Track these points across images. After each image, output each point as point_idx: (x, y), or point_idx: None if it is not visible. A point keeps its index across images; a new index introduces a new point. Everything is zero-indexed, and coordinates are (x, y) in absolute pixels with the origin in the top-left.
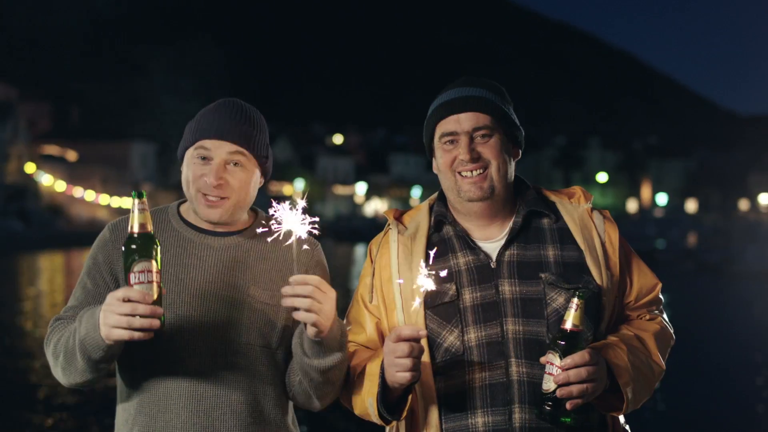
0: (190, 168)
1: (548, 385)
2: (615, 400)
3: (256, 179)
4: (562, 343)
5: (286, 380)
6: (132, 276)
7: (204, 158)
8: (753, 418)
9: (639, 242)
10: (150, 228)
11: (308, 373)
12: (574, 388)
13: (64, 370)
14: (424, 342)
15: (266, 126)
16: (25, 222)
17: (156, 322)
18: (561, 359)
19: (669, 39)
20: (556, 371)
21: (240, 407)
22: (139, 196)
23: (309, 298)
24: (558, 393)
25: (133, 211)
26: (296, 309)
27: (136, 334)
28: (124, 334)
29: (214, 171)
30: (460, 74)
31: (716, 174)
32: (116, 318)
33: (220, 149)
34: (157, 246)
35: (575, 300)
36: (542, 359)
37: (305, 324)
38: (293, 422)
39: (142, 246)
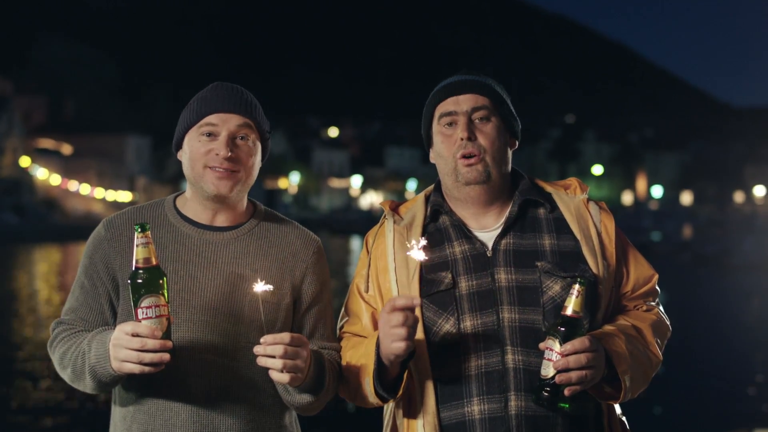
0: (194, 147)
1: (547, 371)
2: (611, 389)
3: (259, 158)
4: (562, 329)
5: None
6: (140, 311)
7: (210, 134)
8: (748, 411)
9: (635, 234)
10: (155, 261)
11: (290, 402)
12: (573, 375)
13: (72, 381)
14: (418, 328)
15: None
16: (20, 216)
17: (166, 356)
18: (560, 345)
19: (664, 31)
20: (556, 357)
21: (239, 405)
22: (142, 229)
23: (282, 359)
24: (557, 379)
25: (136, 245)
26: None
27: (147, 369)
28: (134, 369)
29: (225, 143)
30: (456, 67)
31: (712, 166)
32: (126, 353)
33: (229, 122)
34: (164, 278)
35: (576, 286)
36: (541, 345)
37: None
38: (294, 420)
39: (148, 281)
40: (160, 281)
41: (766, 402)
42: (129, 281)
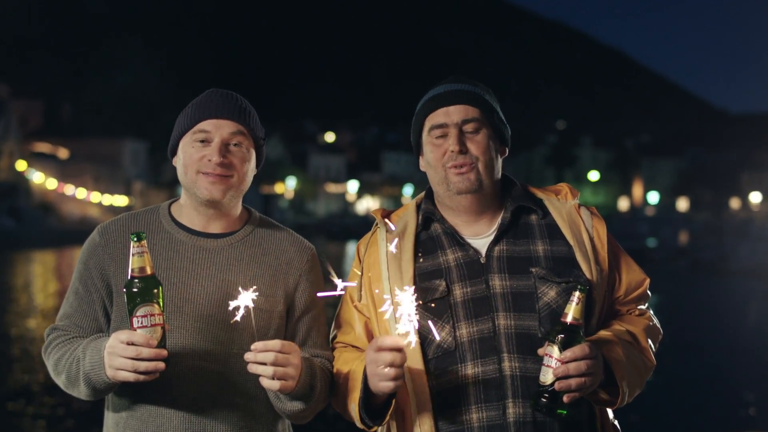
0: (187, 153)
1: (545, 377)
2: (606, 395)
3: (253, 164)
4: (562, 335)
5: None
6: (135, 320)
7: (203, 141)
8: (741, 415)
9: (631, 240)
10: (150, 270)
11: (281, 410)
12: (573, 382)
13: (66, 387)
14: (415, 336)
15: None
16: (17, 220)
17: (161, 365)
18: (560, 352)
19: (661, 37)
20: (555, 364)
21: (232, 413)
22: (138, 238)
23: (272, 366)
24: (556, 386)
25: (132, 254)
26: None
27: (141, 377)
28: (129, 377)
29: (217, 149)
30: (453, 72)
31: (708, 172)
32: (121, 361)
33: (222, 129)
34: (160, 287)
35: (577, 293)
36: (540, 351)
37: None
38: (288, 427)
39: (143, 290)
40: (155, 290)
41: (759, 406)
42: (124, 290)
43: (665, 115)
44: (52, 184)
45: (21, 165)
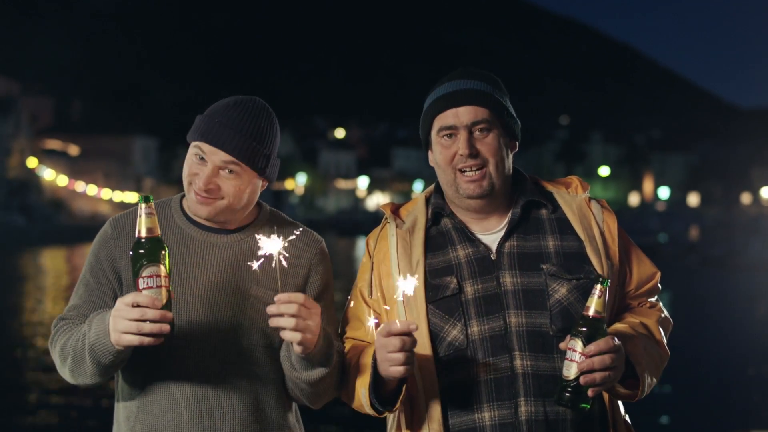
0: (187, 161)
1: (569, 371)
2: (625, 389)
3: (255, 186)
4: (585, 329)
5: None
6: (141, 281)
7: (201, 158)
8: (750, 412)
9: (641, 236)
10: (158, 232)
11: (298, 384)
12: (598, 376)
13: (72, 371)
14: (423, 334)
15: (276, 131)
16: (27, 216)
17: (166, 327)
18: (584, 346)
19: (671, 32)
20: (579, 358)
21: (242, 407)
22: (146, 200)
23: (294, 317)
24: (581, 380)
25: (140, 215)
26: (282, 328)
27: (146, 339)
28: (134, 340)
29: (205, 176)
30: (461, 67)
31: (718, 167)
32: (126, 323)
33: (215, 156)
34: (166, 250)
35: (598, 286)
36: (562, 345)
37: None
38: (296, 419)
39: (150, 251)
40: (162, 252)
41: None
42: (131, 252)
43: (675, 110)
44: (62, 180)
45: (32, 162)
